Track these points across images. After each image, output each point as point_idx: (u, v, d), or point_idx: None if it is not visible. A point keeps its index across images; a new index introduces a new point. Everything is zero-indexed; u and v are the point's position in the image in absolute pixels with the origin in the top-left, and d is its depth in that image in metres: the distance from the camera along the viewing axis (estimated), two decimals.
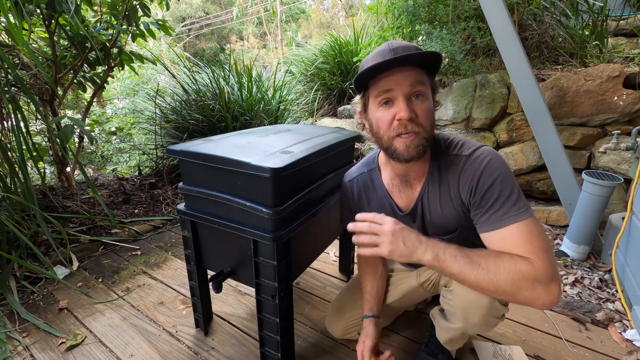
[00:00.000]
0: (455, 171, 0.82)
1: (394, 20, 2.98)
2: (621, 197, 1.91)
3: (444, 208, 0.87)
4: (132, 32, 2.26)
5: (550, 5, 2.40)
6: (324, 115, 4.21)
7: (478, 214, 0.79)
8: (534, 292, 0.68)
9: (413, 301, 1.20)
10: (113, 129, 3.23)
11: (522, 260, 0.69)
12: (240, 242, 0.97)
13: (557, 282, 0.69)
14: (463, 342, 1.03)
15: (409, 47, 0.78)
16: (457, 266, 0.72)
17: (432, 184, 0.88)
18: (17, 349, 1.19)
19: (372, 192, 1.01)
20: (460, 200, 0.84)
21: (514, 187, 0.76)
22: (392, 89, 0.76)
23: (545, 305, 0.70)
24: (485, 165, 0.77)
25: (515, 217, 0.73)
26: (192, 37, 17.21)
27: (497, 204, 0.75)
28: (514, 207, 0.74)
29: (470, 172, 0.79)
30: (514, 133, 2.21)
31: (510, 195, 0.75)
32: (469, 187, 0.79)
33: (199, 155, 0.95)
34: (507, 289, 0.69)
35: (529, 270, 0.68)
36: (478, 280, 0.71)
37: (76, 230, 1.92)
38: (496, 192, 0.75)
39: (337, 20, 19.11)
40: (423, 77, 0.78)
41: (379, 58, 0.77)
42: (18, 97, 1.88)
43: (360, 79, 0.80)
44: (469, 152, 0.81)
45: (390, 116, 0.78)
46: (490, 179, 0.76)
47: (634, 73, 1.86)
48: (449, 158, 0.84)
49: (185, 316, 1.34)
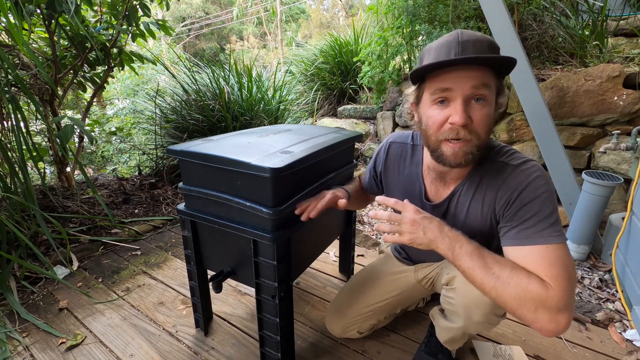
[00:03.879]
0: (497, 178, 0.78)
1: (394, 20, 2.98)
2: (621, 197, 1.91)
3: (470, 213, 0.84)
4: (132, 32, 2.26)
5: (550, 5, 2.40)
6: (324, 115, 4.21)
7: (508, 226, 0.75)
8: (534, 315, 0.65)
9: (411, 299, 1.20)
10: (113, 129, 3.23)
11: (538, 282, 0.65)
12: (240, 242, 0.97)
13: (567, 315, 0.64)
14: (463, 341, 1.03)
15: (481, 43, 0.69)
16: (469, 264, 0.70)
17: (467, 188, 0.84)
18: (17, 349, 1.19)
19: (407, 165, 0.97)
20: (493, 208, 0.80)
21: (554, 210, 0.72)
22: (451, 88, 0.70)
23: (545, 332, 0.66)
24: (532, 181, 0.73)
25: (547, 239, 0.69)
26: (192, 37, 17.21)
27: (531, 220, 0.71)
28: (548, 229, 0.70)
29: (514, 183, 0.75)
30: (514, 133, 2.21)
31: (548, 217, 0.71)
32: (508, 197, 0.75)
33: (199, 155, 0.95)
34: (508, 302, 0.67)
35: (540, 293, 0.64)
36: (483, 283, 0.69)
37: (76, 230, 1.92)
38: (534, 209, 0.72)
39: (337, 20, 19.13)
40: (489, 78, 0.70)
41: (444, 52, 0.70)
42: (18, 97, 1.87)
43: (419, 73, 0.73)
44: (518, 163, 0.77)
45: (443, 117, 0.72)
46: (532, 195, 0.72)
47: (634, 73, 1.86)
48: (495, 164, 0.80)
49: (185, 316, 1.34)
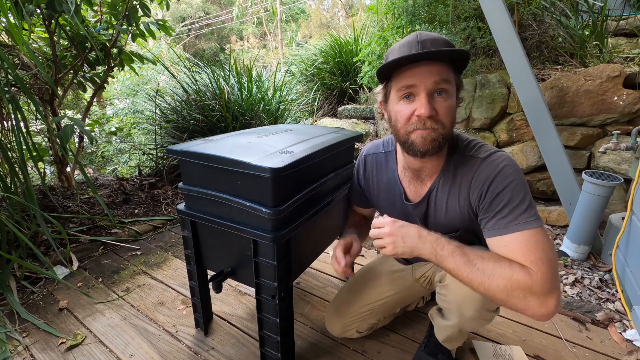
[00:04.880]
0: (468, 172, 0.82)
1: (394, 20, 2.98)
2: (621, 197, 1.91)
3: (449, 208, 0.87)
4: (132, 32, 2.26)
5: (550, 5, 2.40)
6: (324, 115, 4.21)
7: (486, 218, 0.78)
8: (525, 303, 0.67)
9: (410, 298, 1.20)
10: (113, 129, 3.23)
11: (520, 269, 0.68)
12: (240, 242, 0.97)
13: (554, 297, 0.67)
14: (462, 340, 1.03)
15: (438, 41, 0.75)
16: (453, 264, 0.73)
17: (443, 183, 0.87)
18: (17, 349, 1.19)
19: (383, 173, 1.01)
20: (468, 202, 0.83)
21: (525, 195, 0.74)
22: (415, 84, 0.75)
23: (538, 317, 0.68)
24: (500, 170, 0.77)
25: (523, 225, 0.72)
26: (192, 37, 17.21)
27: (505, 209, 0.74)
28: (523, 215, 0.73)
29: (483, 176, 0.78)
30: (514, 133, 2.21)
31: (520, 203, 0.73)
32: (480, 190, 0.79)
33: (199, 155, 0.95)
34: (497, 294, 0.69)
35: (525, 280, 0.67)
36: (470, 280, 0.71)
37: (76, 230, 1.92)
38: (506, 198, 0.74)
39: (337, 20, 19.11)
40: (449, 73, 0.76)
41: (405, 50, 0.75)
42: (18, 97, 1.87)
43: (384, 70, 0.78)
44: (485, 155, 0.80)
45: (410, 111, 0.77)
46: (502, 185, 0.75)
47: (634, 73, 1.86)
48: (464, 158, 0.84)
49: (185, 316, 1.34)
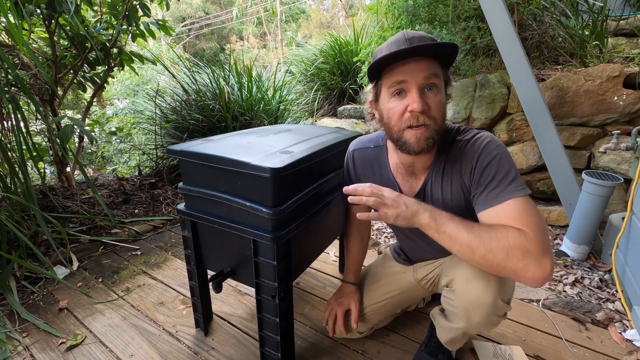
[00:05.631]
0: (458, 155, 0.84)
1: (394, 20, 2.97)
2: (621, 197, 1.91)
3: (445, 196, 0.89)
4: (132, 32, 2.26)
5: (550, 5, 2.40)
6: (324, 115, 4.21)
7: (477, 193, 0.80)
8: (524, 262, 0.68)
9: (411, 299, 1.20)
10: (113, 129, 3.23)
11: (515, 231, 0.70)
12: (240, 242, 0.97)
13: (549, 258, 0.68)
14: (464, 342, 1.03)
15: (425, 38, 0.77)
16: (454, 227, 0.74)
17: (436, 174, 0.89)
18: (17, 349, 1.19)
19: (376, 169, 1.01)
20: (462, 182, 0.85)
21: (511, 167, 0.77)
22: (405, 80, 0.76)
23: (536, 279, 0.68)
24: (484, 146, 0.80)
25: (511, 194, 0.74)
26: (192, 37, 17.21)
27: (493, 182, 0.77)
28: (511, 185, 0.75)
29: (470, 154, 0.81)
30: (514, 133, 2.21)
31: (507, 175, 0.76)
32: (470, 167, 0.81)
33: (199, 155, 0.95)
34: (496, 254, 0.69)
35: (521, 239, 0.68)
36: (470, 241, 0.71)
37: (76, 230, 1.92)
38: (493, 170, 0.77)
39: (337, 20, 19.11)
40: (437, 69, 0.78)
41: (394, 47, 0.76)
42: (18, 97, 1.87)
43: (374, 67, 0.79)
44: (470, 136, 0.84)
45: (403, 107, 0.78)
46: (487, 158, 0.78)
47: (634, 73, 1.86)
48: (452, 144, 0.86)
49: (185, 316, 1.34)
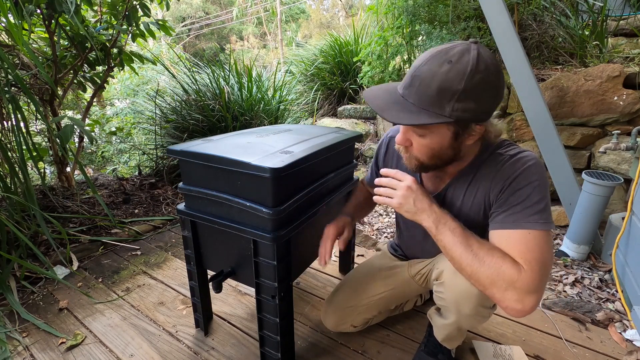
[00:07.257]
0: (493, 168, 0.81)
1: (394, 20, 2.98)
2: (621, 197, 1.91)
3: (464, 205, 0.87)
4: (132, 32, 2.25)
5: (550, 5, 2.40)
6: (324, 115, 4.21)
7: (497, 211, 0.78)
8: (503, 294, 0.69)
9: (405, 295, 1.20)
10: (113, 129, 3.23)
11: (511, 264, 0.69)
12: (240, 242, 0.97)
13: (534, 298, 0.68)
14: (461, 339, 1.03)
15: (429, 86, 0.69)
16: (450, 239, 0.74)
17: (462, 182, 0.87)
18: (17, 349, 1.19)
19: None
20: (487, 196, 0.82)
21: (542, 197, 0.74)
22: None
23: (511, 312, 0.69)
24: (526, 168, 0.76)
25: (532, 225, 0.71)
26: (192, 37, 17.21)
27: (519, 206, 0.74)
28: (534, 215, 0.72)
29: (508, 172, 0.78)
30: (514, 133, 2.21)
31: (537, 203, 0.73)
32: (502, 184, 0.78)
33: (199, 155, 0.95)
34: (481, 279, 0.71)
35: (512, 274, 0.68)
36: (461, 259, 0.73)
37: (76, 230, 1.92)
38: (524, 195, 0.74)
39: (337, 20, 19.10)
40: (423, 128, 0.76)
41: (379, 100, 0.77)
42: (18, 97, 1.88)
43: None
44: (514, 153, 0.80)
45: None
46: (524, 182, 0.75)
47: (634, 73, 1.86)
48: (493, 156, 0.82)
49: (185, 316, 1.34)
